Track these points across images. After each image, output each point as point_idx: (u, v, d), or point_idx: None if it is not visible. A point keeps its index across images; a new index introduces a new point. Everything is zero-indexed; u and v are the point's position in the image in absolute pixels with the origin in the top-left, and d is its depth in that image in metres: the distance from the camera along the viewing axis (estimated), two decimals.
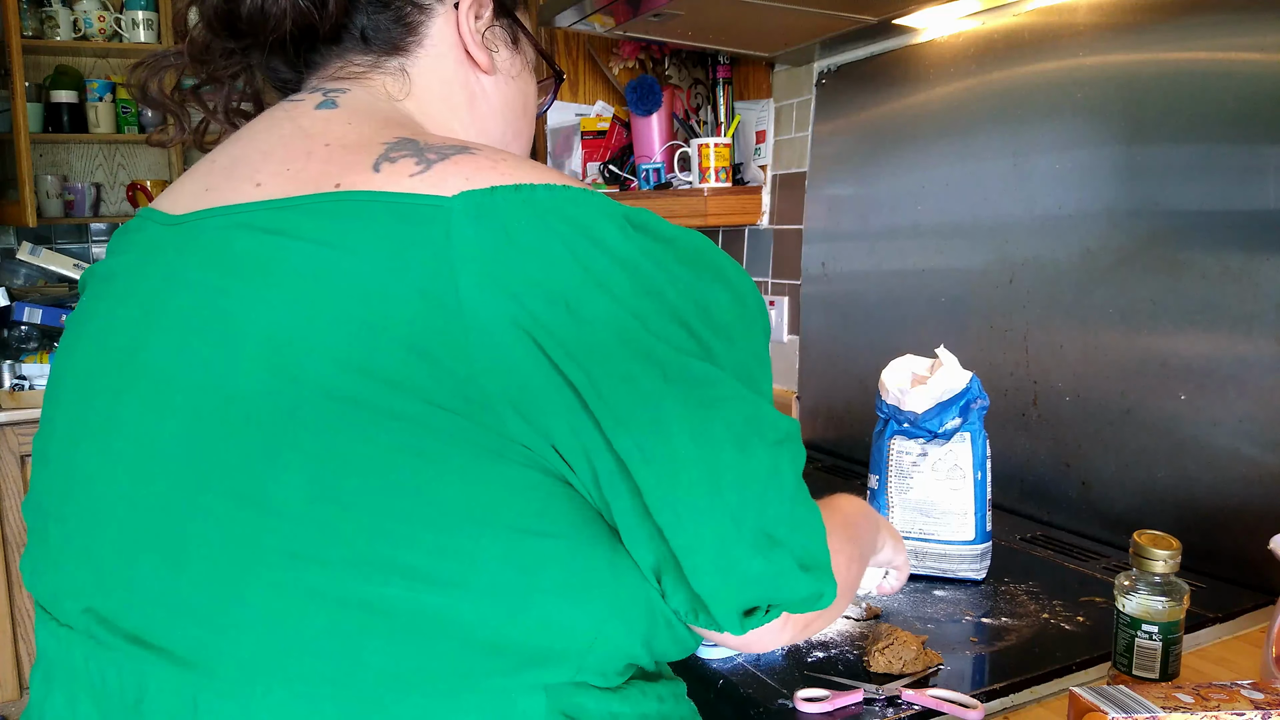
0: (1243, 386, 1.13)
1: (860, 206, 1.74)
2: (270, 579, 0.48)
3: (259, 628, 0.48)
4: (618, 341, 0.48)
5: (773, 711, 0.84)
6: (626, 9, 1.54)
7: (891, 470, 1.14)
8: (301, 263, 0.49)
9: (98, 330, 0.57)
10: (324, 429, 0.47)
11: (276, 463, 0.47)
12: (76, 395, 0.56)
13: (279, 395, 0.48)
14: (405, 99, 0.63)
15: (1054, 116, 1.35)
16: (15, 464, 2.35)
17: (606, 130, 2.18)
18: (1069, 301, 1.34)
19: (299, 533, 0.47)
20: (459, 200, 0.48)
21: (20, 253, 2.68)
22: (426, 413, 0.47)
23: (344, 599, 0.47)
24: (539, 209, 0.49)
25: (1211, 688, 0.69)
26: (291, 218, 0.51)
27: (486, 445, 0.48)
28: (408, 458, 0.47)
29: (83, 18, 2.67)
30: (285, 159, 0.55)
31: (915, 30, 1.58)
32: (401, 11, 0.63)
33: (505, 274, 0.47)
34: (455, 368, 0.47)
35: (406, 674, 0.48)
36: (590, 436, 0.49)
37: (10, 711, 2.36)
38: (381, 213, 0.49)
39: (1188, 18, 1.18)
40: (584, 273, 0.48)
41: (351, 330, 0.47)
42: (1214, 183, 1.15)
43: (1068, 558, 1.23)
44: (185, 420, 0.50)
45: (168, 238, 0.56)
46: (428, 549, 0.48)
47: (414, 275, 0.47)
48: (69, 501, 0.55)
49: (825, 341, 1.85)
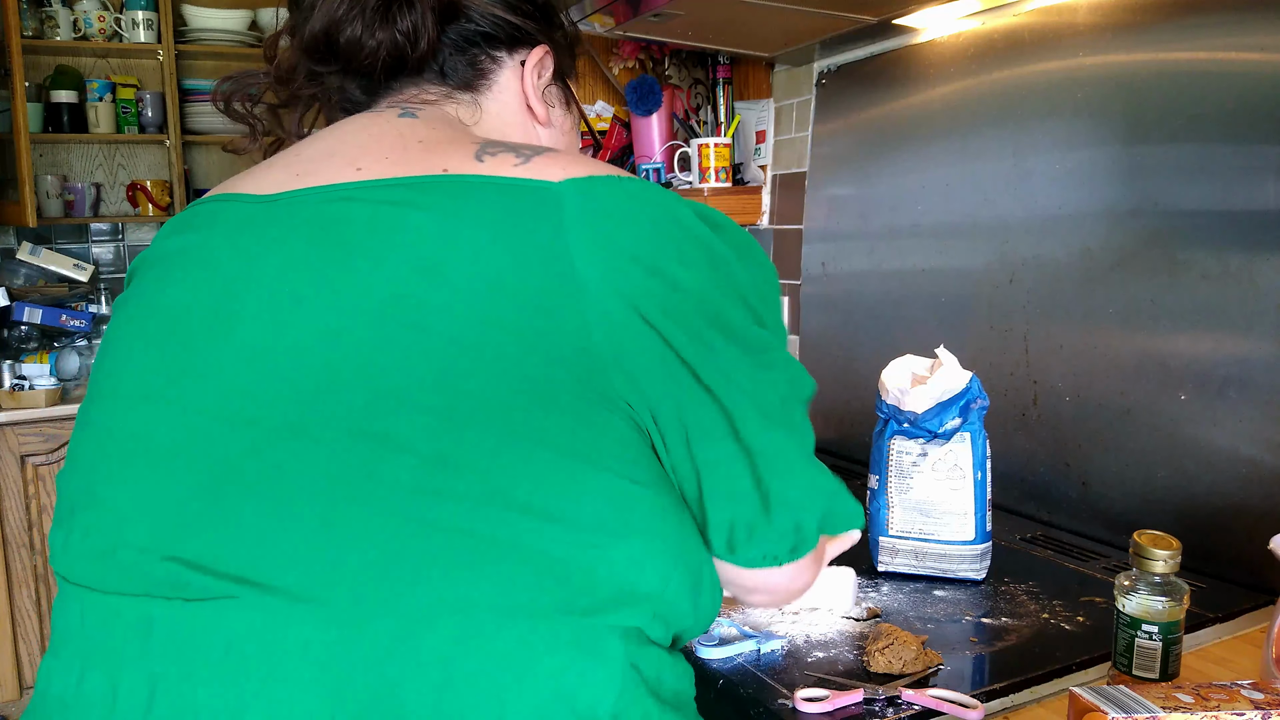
0: (1243, 386, 1.13)
1: (860, 206, 1.74)
2: (387, 509, 0.50)
3: (373, 557, 0.50)
4: (701, 309, 0.55)
5: (773, 711, 0.84)
6: (626, 9, 1.54)
7: (891, 470, 1.14)
8: (424, 227, 0.54)
9: (167, 300, 0.59)
10: (448, 371, 0.52)
11: (404, 402, 0.51)
12: (141, 359, 0.57)
13: (403, 343, 0.52)
14: (474, 125, 0.69)
15: (1054, 116, 1.35)
16: (15, 464, 2.35)
17: (606, 130, 2.18)
18: (1069, 301, 1.34)
19: (419, 466, 0.51)
20: (567, 184, 0.55)
21: (20, 253, 2.68)
22: (544, 361, 0.52)
23: (459, 529, 0.50)
24: (633, 195, 0.56)
25: (1211, 688, 0.69)
26: (406, 193, 0.56)
27: (596, 394, 0.53)
28: (525, 400, 0.52)
29: (83, 18, 2.67)
30: (382, 151, 0.61)
31: (915, 30, 1.58)
32: (477, 58, 0.70)
33: (612, 246, 0.54)
34: (570, 326, 0.52)
35: (511, 604, 0.51)
36: (687, 386, 0.55)
37: (10, 711, 2.35)
38: (495, 193, 0.55)
39: (1188, 18, 1.18)
40: (675, 249, 0.55)
41: (476, 287, 0.52)
42: (1214, 183, 1.15)
43: (1068, 558, 1.23)
44: (286, 366, 0.53)
45: (259, 213, 0.60)
46: (539, 485, 0.52)
47: (533, 244, 0.53)
48: (128, 462, 0.55)
49: (825, 341, 1.85)
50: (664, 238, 0.56)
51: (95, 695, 0.53)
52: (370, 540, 0.50)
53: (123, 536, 0.54)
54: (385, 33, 0.65)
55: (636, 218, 0.55)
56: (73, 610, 0.56)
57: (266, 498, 0.51)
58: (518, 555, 0.51)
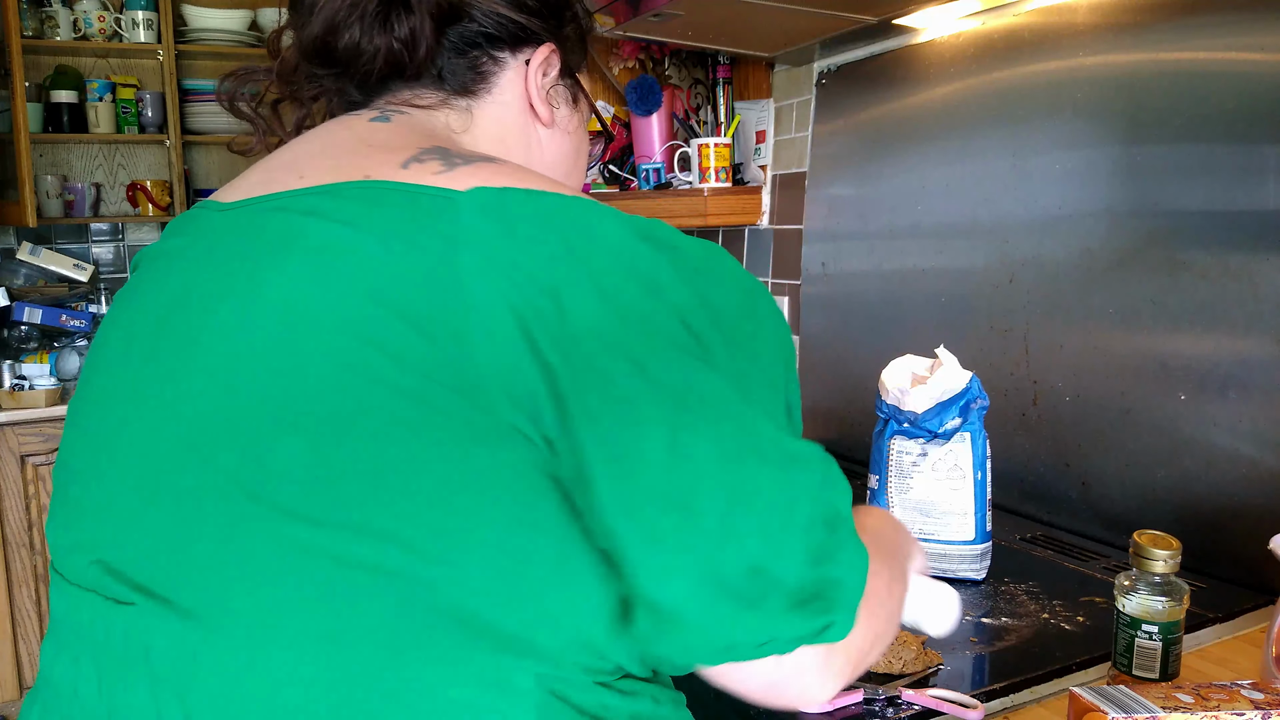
0: (1243, 386, 1.13)
1: (860, 206, 1.74)
2: (269, 534, 0.49)
3: (258, 582, 0.50)
4: (601, 338, 0.48)
5: (773, 711, 0.84)
6: (626, 9, 1.54)
7: (891, 470, 1.14)
8: (322, 239, 0.52)
9: (140, 302, 0.61)
10: (327, 394, 0.49)
11: (281, 423, 0.50)
12: (113, 361, 0.60)
13: (289, 360, 0.50)
14: (462, 134, 0.67)
15: (1054, 116, 1.35)
16: (15, 464, 2.35)
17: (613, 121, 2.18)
18: (1069, 301, 1.34)
19: (297, 493, 0.49)
20: (470, 194, 0.52)
21: (20, 253, 2.68)
22: (426, 388, 0.48)
23: (341, 559, 0.49)
24: (545, 209, 0.51)
25: (1211, 688, 0.69)
26: (321, 201, 0.55)
27: (482, 426, 0.49)
28: (404, 431, 0.48)
29: (83, 18, 2.67)
30: (330, 158, 0.59)
31: (915, 30, 1.58)
32: (478, 61, 0.68)
33: (504, 262, 0.49)
34: (452, 347, 0.48)
35: (402, 639, 0.49)
36: (561, 427, 0.49)
37: (10, 711, 2.35)
38: (399, 200, 0.52)
39: (1188, 18, 1.18)
40: (579, 268, 0.49)
41: (359, 303, 0.50)
42: (1214, 183, 1.15)
43: (1068, 558, 1.23)
44: (203, 381, 0.53)
45: (217, 221, 0.60)
46: (421, 524, 0.48)
47: (421, 258, 0.50)
48: (92, 460, 0.58)
49: (825, 341, 1.85)
50: (570, 253, 0.50)
51: (65, 679, 0.56)
52: (256, 565, 0.49)
53: (76, 535, 0.58)
54: (383, 38, 0.64)
55: (541, 230, 0.50)
56: (54, 595, 0.60)
57: (171, 513, 0.52)
58: (404, 592, 0.49)
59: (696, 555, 0.48)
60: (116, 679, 0.53)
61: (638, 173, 2.05)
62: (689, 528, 0.48)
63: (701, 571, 0.48)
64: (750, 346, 0.54)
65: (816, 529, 0.51)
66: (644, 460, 0.48)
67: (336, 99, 0.70)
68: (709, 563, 0.48)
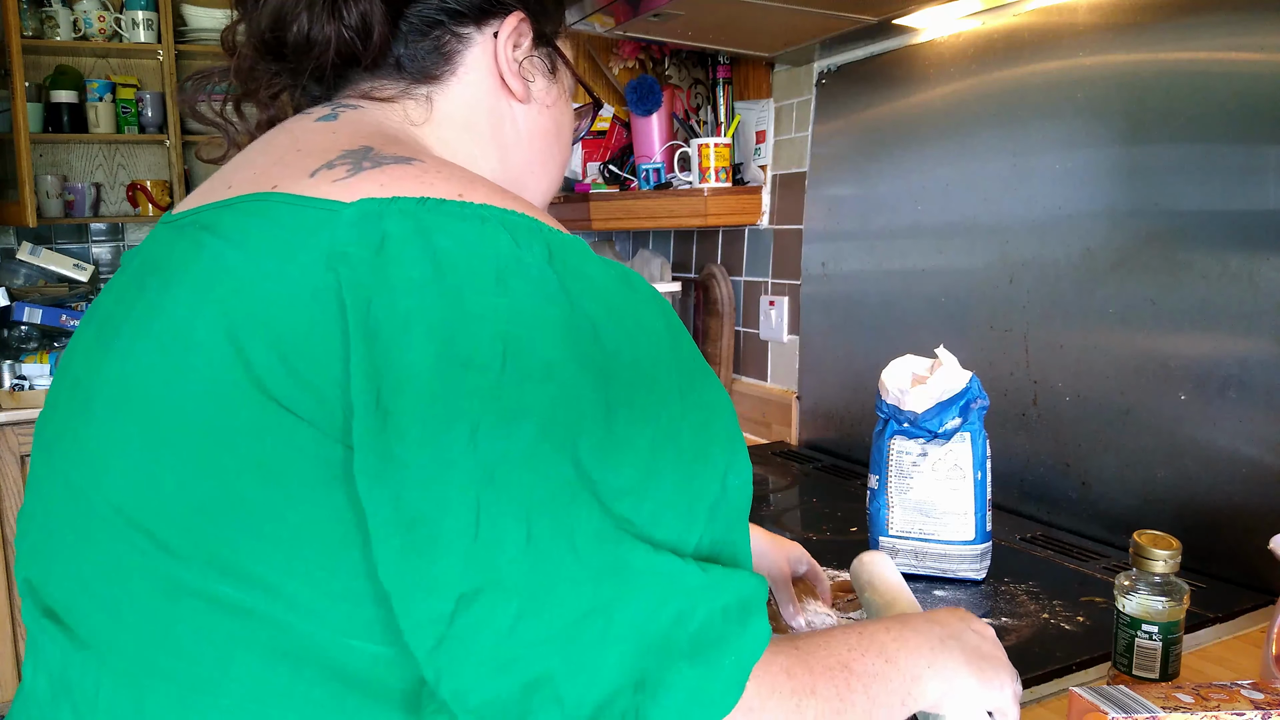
0: (1243, 386, 1.13)
1: (860, 206, 1.74)
2: (147, 569, 0.48)
3: (140, 617, 0.49)
4: (432, 388, 0.44)
5: None
6: (626, 9, 1.54)
7: (891, 470, 1.14)
8: (207, 259, 0.50)
9: (89, 317, 0.60)
10: (198, 427, 0.47)
11: (160, 455, 0.48)
12: (60, 376, 0.59)
13: (166, 390, 0.48)
14: (422, 125, 0.63)
15: (1054, 116, 1.35)
16: (15, 464, 2.35)
17: (606, 130, 2.18)
18: (1069, 301, 1.34)
19: (171, 527, 0.47)
20: (353, 206, 0.48)
21: (20, 253, 2.68)
22: (285, 424, 0.45)
23: (211, 599, 0.47)
24: (423, 223, 0.47)
25: (1211, 688, 0.69)
26: (219, 216, 0.52)
27: (340, 463, 0.45)
28: (265, 471, 0.45)
29: (83, 18, 2.67)
30: (257, 165, 0.56)
31: (915, 30, 1.58)
32: (440, 40, 0.63)
33: (366, 284, 0.45)
34: (312, 375, 0.45)
35: (274, 692, 0.47)
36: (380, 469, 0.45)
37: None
38: (285, 215, 0.49)
39: (1188, 18, 1.18)
40: (439, 300, 0.45)
41: (233, 328, 0.47)
42: (1214, 183, 1.15)
43: (1068, 558, 1.23)
44: (102, 408, 0.52)
45: (159, 235, 0.58)
46: (284, 568, 0.46)
47: (298, 277, 0.47)
48: (33, 475, 0.58)
49: (825, 341, 1.85)
50: (442, 286, 0.45)
51: (31, 685, 0.57)
52: (136, 600, 0.48)
53: (19, 548, 0.58)
54: (333, 26, 0.59)
55: (411, 256, 0.46)
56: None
57: (69, 540, 0.52)
58: (273, 639, 0.46)
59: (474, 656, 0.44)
60: (61, 693, 0.53)
61: (638, 173, 2.05)
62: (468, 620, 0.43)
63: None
64: (637, 397, 0.47)
65: (640, 650, 0.45)
66: (439, 540, 0.43)
67: (301, 95, 0.67)
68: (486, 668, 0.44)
